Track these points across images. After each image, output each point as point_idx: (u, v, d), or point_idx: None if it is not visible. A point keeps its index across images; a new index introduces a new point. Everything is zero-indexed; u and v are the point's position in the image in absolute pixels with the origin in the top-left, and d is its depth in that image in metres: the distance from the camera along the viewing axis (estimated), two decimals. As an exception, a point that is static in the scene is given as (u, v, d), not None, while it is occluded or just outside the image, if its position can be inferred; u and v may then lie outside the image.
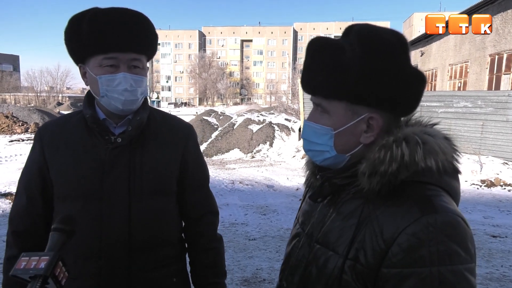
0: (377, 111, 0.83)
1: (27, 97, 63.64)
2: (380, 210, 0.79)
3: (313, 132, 0.89)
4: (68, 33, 1.16)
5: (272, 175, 10.16)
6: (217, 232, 1.39)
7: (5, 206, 6.76)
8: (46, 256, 0.78)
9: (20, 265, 0.77)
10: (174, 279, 1.28)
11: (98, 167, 1.17)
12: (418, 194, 0.78)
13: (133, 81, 1.16)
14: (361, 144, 0.85)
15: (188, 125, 1.38)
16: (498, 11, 13.76)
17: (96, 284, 1.17)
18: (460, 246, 0.72)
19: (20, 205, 1.24)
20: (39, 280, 0.74)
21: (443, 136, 0.85)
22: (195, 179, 1.33)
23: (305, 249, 0.93)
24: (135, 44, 1.15)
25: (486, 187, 8.66)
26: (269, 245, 4.81)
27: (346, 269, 0.80)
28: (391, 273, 0.74)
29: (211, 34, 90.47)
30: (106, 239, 1.16)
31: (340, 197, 0.88)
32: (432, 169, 0.79)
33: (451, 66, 18.44)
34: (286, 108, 23.83)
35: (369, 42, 0.80)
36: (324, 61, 0.83)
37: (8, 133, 19.59)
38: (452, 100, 10.99)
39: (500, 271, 4.05)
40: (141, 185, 1.19)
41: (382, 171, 0.79)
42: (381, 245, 0.75)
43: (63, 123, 1.26)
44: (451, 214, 0.74)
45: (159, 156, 1.24)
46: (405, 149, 0.79)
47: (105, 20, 1.11)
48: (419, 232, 0.72)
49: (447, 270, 0.70)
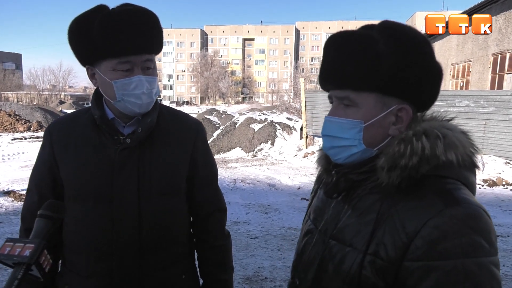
0: (406, 102, 0.83)
1: (29, 96, 63.81)
2: (400, 205, 0.78)
3: (339, 127, 0.86)
4: (75, 35, 1.13)
5: (273, 174, 10.16)
6: (225, 229, 1.39)
7: (8, 204, 6.78)
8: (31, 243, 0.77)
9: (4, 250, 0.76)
10: (183, 276, 1.29)
11: (108, 168, 1.17)
12: (438, 188, 0.77)
13: (148, 83, 1.15)
14: (389, 137, 0.85)
15: (197, 122, 1.36)
16: (501, 10, 13.71)
17: (108, 283, 1.17)
18: (484, 238, 0.71)
19: (32, 203, 1.24)
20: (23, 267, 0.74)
21: (460, 130, 0.86)
22: (204, 177, 1.33)
23: (319, 246, 0.92)
24: (148, 45, 1.13)
25: (488, 186, 8.64)
26: (270, 243, 4.81)
27: (366, 264, 0.79)
28: (415, 266, 0.73)
29: (213, 32, 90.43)
30: (117, 239, 1.16)
31: (356, 192, 0.87)
32: (452, 163, 0.79)
33: (453, 65, 18.39)
34: (288, 107, 23.79)
35: (400, 35, 0.81)
36: (356, 52, 0.81)
37: (11, 131, 19.65)
38: (455, 100, 10.96)
39: (502, 270, 4.04)
40: (150, 185, 1.19)
41: (402, 165, 0.78)
42: (403, 238, 0.74)
43: (72, 122, 1.25)
44: (474, 206, 0.74)
45: (168, 156, 1.23)
46: (426, 142, 0.79)
47: (117, 23, 1.07)
48: (443, 225, 0.71)
49: (472, 263, 0.70)
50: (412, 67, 0.80)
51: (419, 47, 0.82)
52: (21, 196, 7.22)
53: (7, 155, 12.79)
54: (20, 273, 0.73)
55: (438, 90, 0.86)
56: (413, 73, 0.80)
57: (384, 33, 0.81)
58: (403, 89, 0.81)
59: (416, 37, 0.82)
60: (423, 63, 0.81)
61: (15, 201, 6.96)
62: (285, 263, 4.10)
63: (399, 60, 0.79)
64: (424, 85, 0.83)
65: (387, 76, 0.80)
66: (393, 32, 0.81)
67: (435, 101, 0.87)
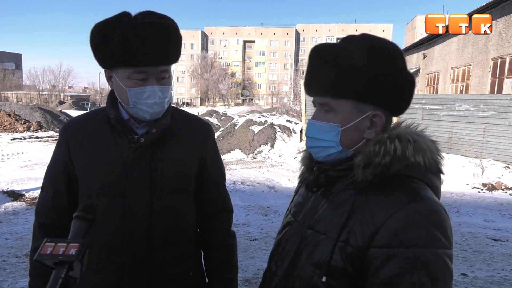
0: (380, 109, 0.92)
1: (29, 96, 63.82)
2: (371, 198, 0.87)
3: (319, 130, 0.96)
4: (96, 40, 1.16)
5: (273, 176, 10.17)
6: (231, 229, 1.43)
7: (7, 204, 6.78)
8: (75, 243, 0.79)
9: (46, 250, 0.77)
10: (190, 273, 1.32)
11: (121, 166, 1.21)
12: (406, 185, 0.87)
13: (161, 92, 1.19)
14: (364, 140, 0.94)
15: (207, 124, 1.41)
16: (502, 15, 13.76)
17: (119, 278, 1.21)
18: (441, 232, 0.80)
19: (46, 199, 1.28)
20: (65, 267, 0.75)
21: (430, 138, 0.96)
22: (212, 177, 1.37)
23: (297, 236, 1.00)
24: (165, 57, 1.17)
25: (487, 190, 8.64)
26: (270, 245, 4.81)
27: (336, 250, 0.87)
28: (378, 253, 0.82)
29: (213, 34, 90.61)
30: (128, 235, 1.21)
31: (334, 188, 0.96)
32: (420, 165, 0.89)
33: (453, 69, 18.43)
34: (287, 109, 23.83)
35: (374, 48, 0.90)
36: (335, 62, 0.90)
37: (10, 131, 19.62)
38: (455, 104, 10.98)
39: (501, 275, 4.05)
40: (162, 184, 1.23)
41: (376, 163, 0.88)
42: (371, 228, 0.83)
43: (87, 121, 1.30)
44: (435, 204, 0.83)
45: (179, 156, 1.27)
46: (398, 145, 0.89)
47: (137, 35, 1.10)
48: (406, 217, 0.80)
49: (429, 252, 0.78)
50: (385, 77, 0.89)
51: (392, 59, 0.90)
52: (21, 196, 7.23)
53: (6, 155, 12.78)
54: (64, 272, 0.75)
55: (410, 97, 0.95)
56: (386, 83, 0.89)
57: (361, 46, 0.90)
58: (377, 97, 0.90)
59: (389, 50, 0.91)
60: (395, 74, 0.90)
61: (14, 201, 6.96)
62: (284, 265, 4.10)
63: (373, 71, 0.88)
64: (396, 94, 0.91)
65: (362, 85, 0.88)
66: (369, 46, 0.90)
67: (408, 106, 0.96)
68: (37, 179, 8.46)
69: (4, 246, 4.55)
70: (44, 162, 11.09)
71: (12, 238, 4.88)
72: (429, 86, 22.10)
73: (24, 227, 5.37)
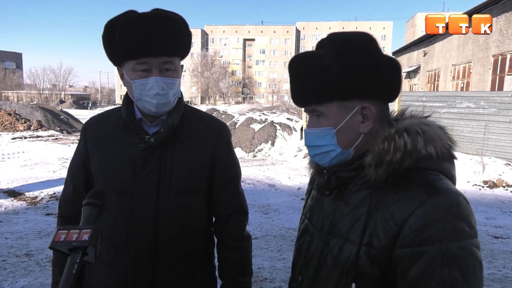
0: (366, 101, 0.90)
1: (29, 95, 63.91)
2: (388, 197, 0.85)
3: (315, 137, 0.95)
4: (104, 40, 1.20)
5: (273, 174, 10.16)
6: (245, 231, 1.40)
7: (8, 203, 6.77)
8: (87, 229, 0.81)
9: (60, 237, 0.80)
10: (198, 274, 1.32)
11: (131, 165, 1.24)
12: (421, 179, 0.84)
13: (165, 84, 1.19)
14: (362, 135, 0.92)
15: (221, 123, 1.41)
16: (502, 12, 13.72)
17: (126, 273, 1.25)
18: (465, 222, 0.78)
19: (67, 193, 1.36)
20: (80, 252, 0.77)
21: (438, 126, 0.93)
22: (224, 178, 1.36)
23: (317, 242, 0.98)
24: (166, 48, 1.17)
25: (488, 188, 8.63)
26: (270, 244, 4.81)
27: (361, 254, 0.85)
28: (404, 253, 0.80)
29: (213, 32, 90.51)
30: (134, 233, 1.23)
31: (347, 189, 0.94)
32: (432, 156, 0.86)
33: (454, 66, 18.39)
34: (288, 107, 23.80)
35: (341, 43, 0.90)
36: (306, 71, 0.90)
37: (11, 130, 19.62)
38: (455, 101, 10.97)
39: (502, 272, 4.04)
40: (170, 185, 1.25)
41: (387, 161, 0.85)
42: (393, 228, 0.81)
43: (104, 120, 1.34)
44: (454, 194, 0.81)
45: (189, 156, 1.27)
46: (407, 138, 0.86)
47: (135, 26, 1.13)
48: (427, 214, 0.78)
49: (455, 246, 0.76)
50: (359, 69, 0.87)
51: (361, 49, 0.89)
52: (21, 195, 7.22)
53: (7, 154, 12.78)
54: (78, 257, 0.77)
55: (396, 80, 0.92)
56: (362, 74, 0.87)
57: (328, 46, 0.90)
58: (358, 91, 0.88)
59: (356, 42, 0.89)
60: (367, 62, 0.88)
61: (14, 200, 6.96)
62: (285, 264, 4.10)
63: (345, 67, 0.87)
64: (377, 81, 0.89)
65: (338, 84, 0.87)
66: (335, 43, 0.90)
67: (399, 91, 0.94)
68: (38, 178, 8.46)
69: (4, 246, 4.55)
70: (44, 161, 11.09)
71: (12, 237, 4.87)
72: (430, 84, 22.06)
73: (24, 226, 5.37)
